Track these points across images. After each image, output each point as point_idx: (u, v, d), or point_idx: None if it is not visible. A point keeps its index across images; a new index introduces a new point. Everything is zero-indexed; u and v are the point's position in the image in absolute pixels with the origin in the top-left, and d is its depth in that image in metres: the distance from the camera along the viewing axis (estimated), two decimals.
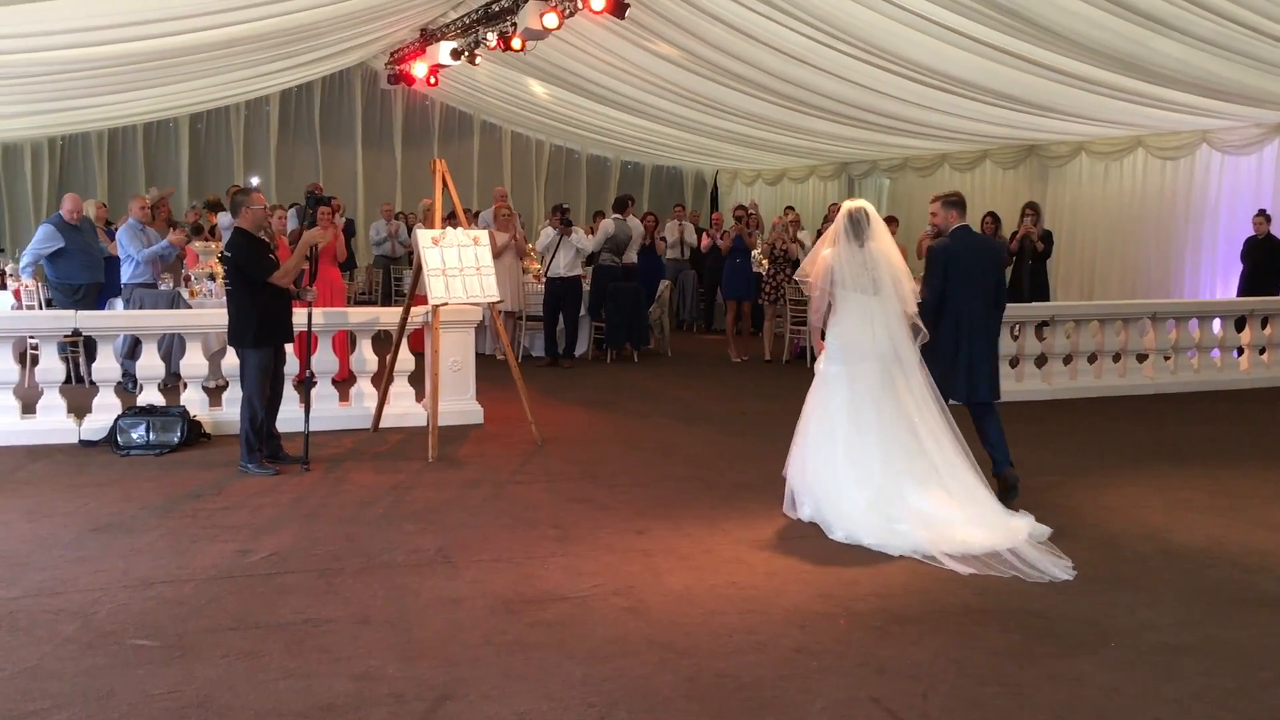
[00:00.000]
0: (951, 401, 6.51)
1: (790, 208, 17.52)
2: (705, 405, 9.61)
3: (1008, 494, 6.56)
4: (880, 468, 6.03)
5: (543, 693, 3.94)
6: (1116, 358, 11.34)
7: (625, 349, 13.01)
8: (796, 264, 13.30)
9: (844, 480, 6.07)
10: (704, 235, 15.76)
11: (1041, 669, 4.26)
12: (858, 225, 6.20)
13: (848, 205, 6.37)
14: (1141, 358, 11.46)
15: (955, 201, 6.94)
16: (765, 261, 13.90)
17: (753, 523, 6.25)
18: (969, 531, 5.76)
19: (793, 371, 12.65)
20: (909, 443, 6.09)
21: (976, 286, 6.75)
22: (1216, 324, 11.78)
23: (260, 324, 7.19)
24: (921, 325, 6.34)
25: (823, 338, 6.47)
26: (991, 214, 13.17)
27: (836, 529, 5.97)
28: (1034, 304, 11.93)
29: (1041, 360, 11.13)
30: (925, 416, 6.14)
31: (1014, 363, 11.02)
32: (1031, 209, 13.04)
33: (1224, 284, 13.76)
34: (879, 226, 6.30)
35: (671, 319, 14.82)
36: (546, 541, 5.81)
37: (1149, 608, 4.96)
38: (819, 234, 13.44)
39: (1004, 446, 6.84)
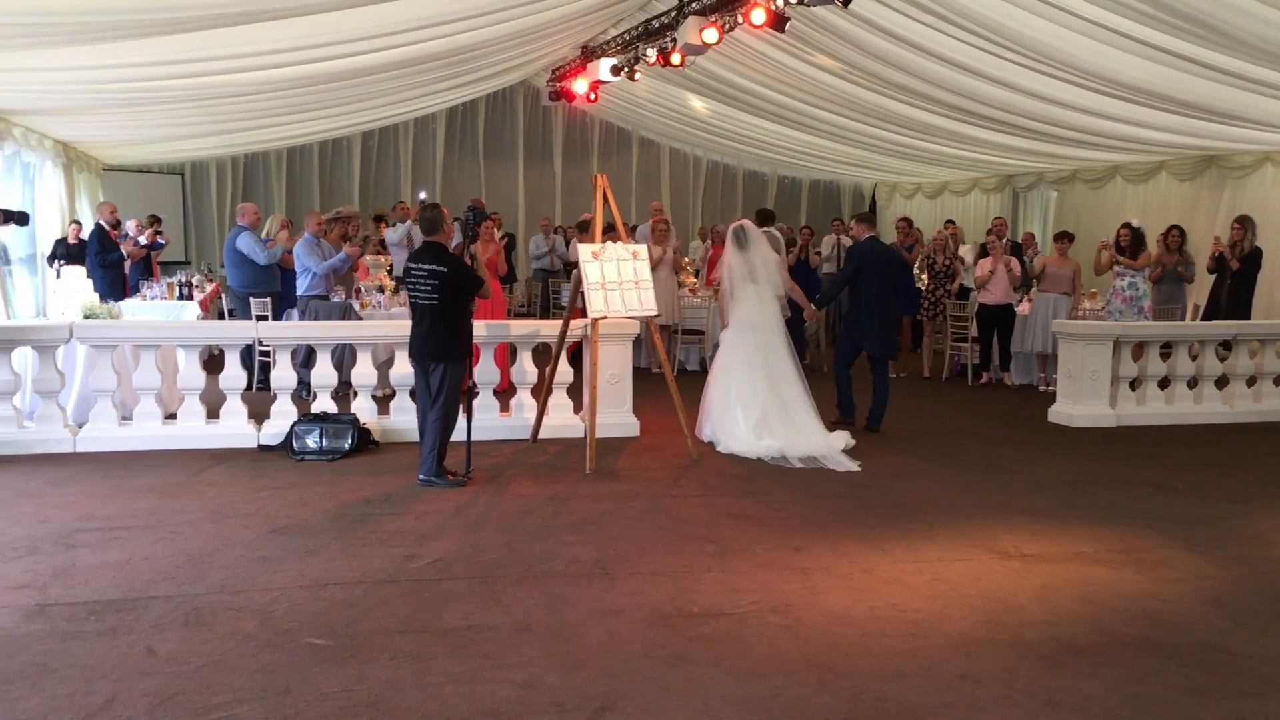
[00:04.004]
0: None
1: (951, 221, 17.18)
2: (862, 421, 9.47)
3: (867, 430, 9.41)
4: (762, 403, 8.56)
5: (701, 709, 3.93)
6: None
7: None
8: (953, 278, 13.05)
9: (736, 412, 8.60)
10: None
11: (1226, 708, 4.03)
12: (739, 238, 9.03)
13: (733, 225, 9.27)
14: None
15: (864, 218, 9.97)
16: (925, 276, 13.62)
17: (913, 543, 6.12)
18: (807, 441, 8.36)
19: (952, 389, 12.37)
20: (778, 386, 8.67)
21: (880, 278, 9.43)
22: None
23: (467, 338, 7.44)
24: (804, 302, 9.60)
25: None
26: (1178, 227, 12.62)
27: (721, 445, 8.58)
28: (1214, 322, 11.37)
29: (1223, 381, 10.57)
30: (787, 368, 8.78)
31: (1192, 384, 10.51)
32: (1239, 223, 12.42)
33: None
34: (756, 235, 9.13)
35: (829, 334, 14.65)
36: (703, 556, 5.81)
37: None
38: (982, 249, 13.16)
39: (883, 404, 9.53)
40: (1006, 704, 4.03)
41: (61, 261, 12.88)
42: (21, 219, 8.21)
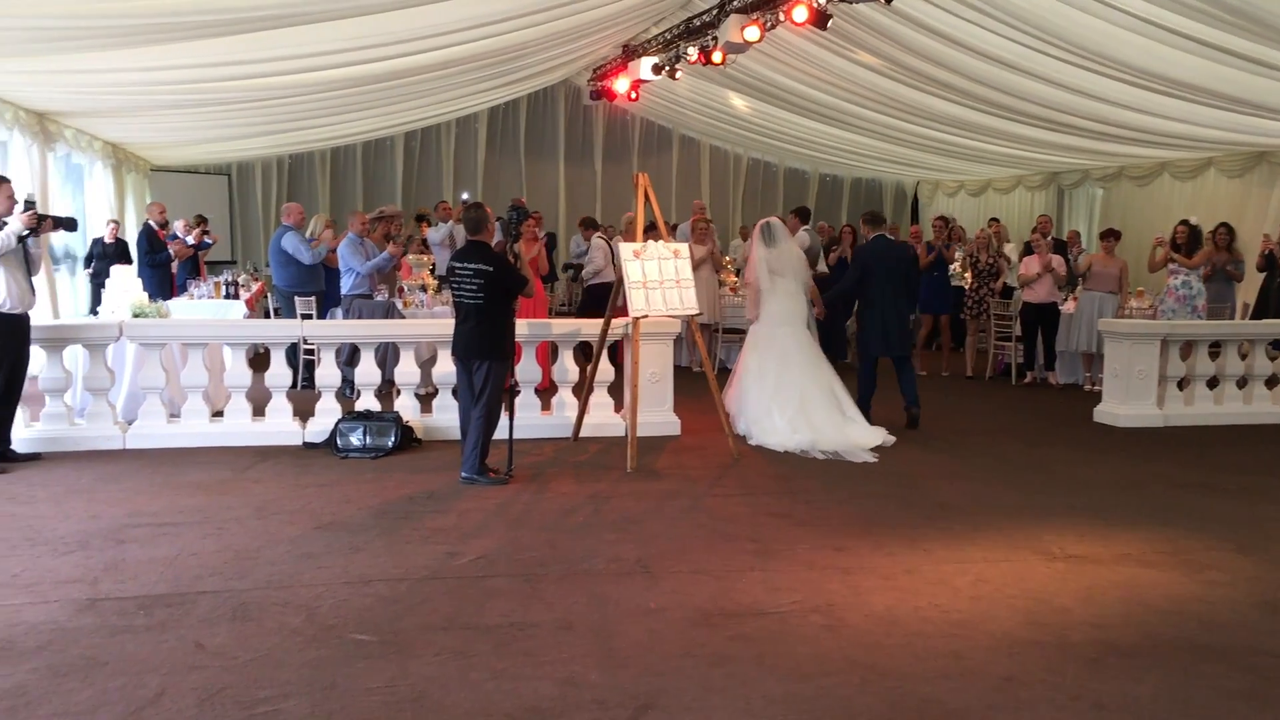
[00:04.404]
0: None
1: (995, 219, 17.03)
2: (902, 421, 9.41)
3: (911, 424, 9.43)
4: (797, 398, 8.72)
5: (743, 708, 3.93)
6: None
7: None
8: (997, 276, 12.93)
9: (771, 407, 8.76)
10: None
11: (1276, 713, 3.96)
12: (768, 233, 9.18)
13: (760, 222, 9.45)
14: None
15: (870, 219, 9.86)
16: (968, 275, 13.51)
17: (956, 543, 6.07)
18: (828, 436, 8.50)
19: (995, 389, 12.27)
20: (810, 381, 8.85)
21: (889, 278, 9.42)
22: None
23: (510, 336, 7.50)
24: (817, 301, 9.51)
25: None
26: (1226, 225, 12.43)
27: (754, 438, 8.73)
28: (1264, 321, 11.20)
29: (1273, 381, 10.40)
30: (815, 362, 8.99)
31: (1241, 383, 10.36)
32: None
33: None
34: (783, 232, 9.30)
35: None
36: (744, 555, 5.80)
37: None
38: (1027, 246, 13.03)
39: (913, 390, 9.53)
40: (1052, 706, 3.99)
41: (90, 263, 13.11)
42: (70, 225, 8.32)
